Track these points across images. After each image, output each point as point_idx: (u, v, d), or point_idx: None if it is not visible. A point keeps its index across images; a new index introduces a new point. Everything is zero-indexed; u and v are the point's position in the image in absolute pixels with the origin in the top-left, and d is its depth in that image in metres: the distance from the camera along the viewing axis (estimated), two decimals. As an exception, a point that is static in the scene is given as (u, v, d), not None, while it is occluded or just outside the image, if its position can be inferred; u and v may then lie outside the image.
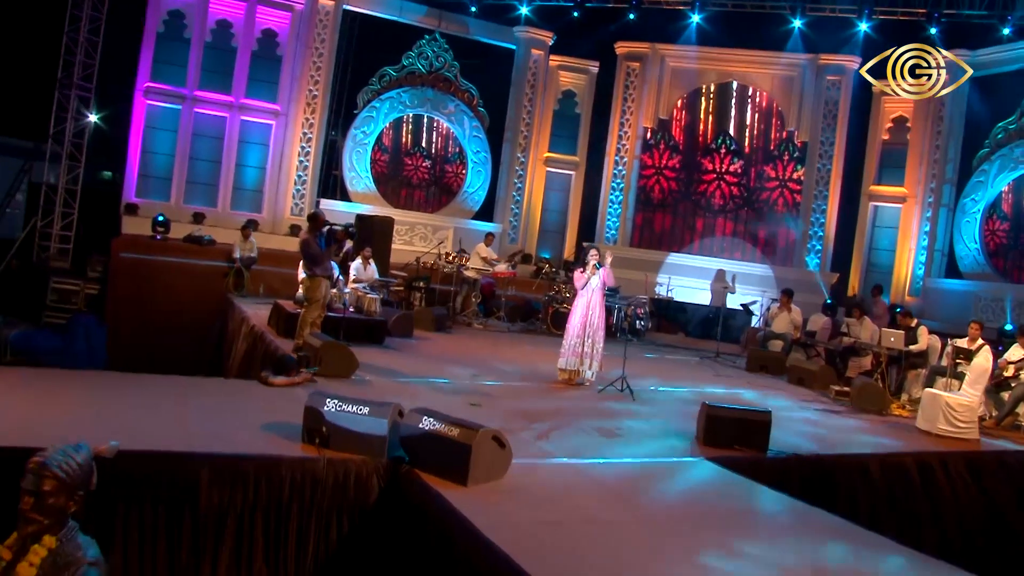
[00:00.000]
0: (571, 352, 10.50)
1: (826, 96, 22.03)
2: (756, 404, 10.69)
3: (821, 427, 9.81)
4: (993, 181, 19.60)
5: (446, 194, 22.79)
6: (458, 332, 15.29)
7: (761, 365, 14.36)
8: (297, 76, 20.39)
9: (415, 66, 21.77)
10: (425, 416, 5.93)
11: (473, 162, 22.62)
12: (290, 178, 20.48)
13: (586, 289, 10.61)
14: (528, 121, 23.15)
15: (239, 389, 8.19)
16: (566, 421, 8.37)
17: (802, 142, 22.14)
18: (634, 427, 8.53)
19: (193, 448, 5.70)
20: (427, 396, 8.78)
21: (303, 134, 20.53)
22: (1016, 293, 18.21)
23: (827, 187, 21.95)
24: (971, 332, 12.09)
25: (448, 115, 22.29)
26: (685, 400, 10.68)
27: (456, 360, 11.73)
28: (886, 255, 21.72)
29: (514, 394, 9.74)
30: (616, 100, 23.31)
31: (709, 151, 23.04)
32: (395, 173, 22.30)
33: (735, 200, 22.87)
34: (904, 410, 11.74)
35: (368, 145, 21.47)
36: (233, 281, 16.01)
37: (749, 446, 7.82)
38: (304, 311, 10.28)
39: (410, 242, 21.13)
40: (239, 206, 20.04)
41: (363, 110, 21.31)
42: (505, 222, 22.95)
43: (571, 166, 23.78)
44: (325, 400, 6.10)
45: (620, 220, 23.17)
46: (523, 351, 13.73)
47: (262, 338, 11.30)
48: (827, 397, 12.35)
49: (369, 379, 9.23)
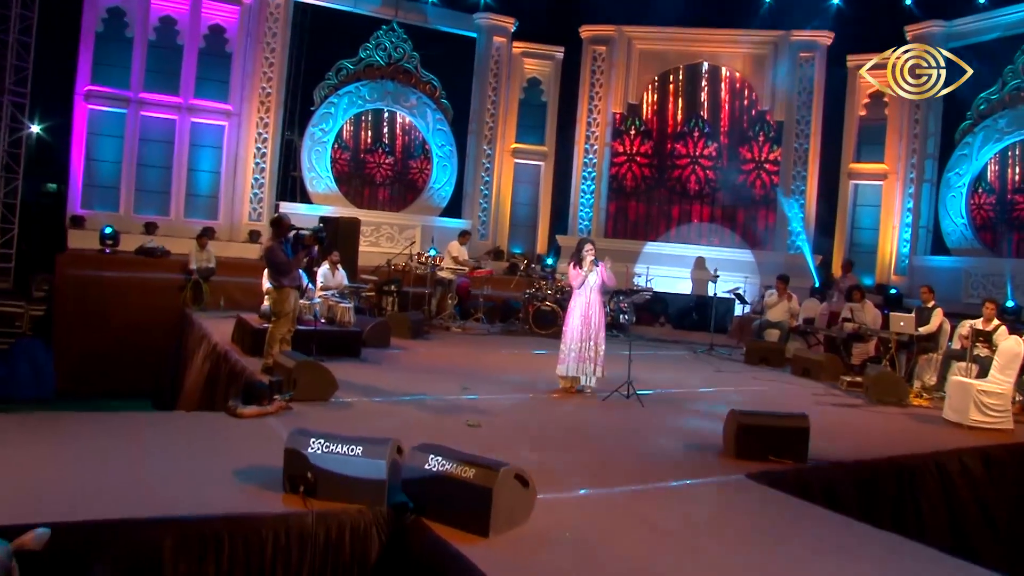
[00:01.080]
0: (571, 358, 9.56)
1: (800, 73, 21.30)
2: (776, 404, 9.89)
3: (846, 425, 8.98)
4: (977, 154, 18.97)
5: (411, 191, 21.76)
6: (437, 337, 14.30)
7: (761, 357, 13.57)
8: (249, 73, 19.24)
9: (373, 58, 20.69)
10: (431, 455, 4.97)
11: (438, 156, 21.61)
12: (246, 181, 19.34)
13: (583, 288, 9.69)
14: (493, 111, 22.20)
15: (204, 425, 7.11)
16: (578, 439, 7.46)
17: (777, 122, 21.39)
18: (653, 441, 7.63)
19: (152, 511, 4.65)
20: (418, 417, 7.83)
21: (258, 134, 19.39)
22: (1015, 268, 17.54)
23: (805, 167, 21.25)
24: (986, 312, 11.36)
25: (410, 108, 21.25)
26: (696, 403, 9.83)
27: (441, 371, 10.76)
28: (869, 234, 21.07)
29: (513, 408, 8.79)
30: (583, 86, 22.42)
31: (682, 135, 22.23)
32: (357, 171, 21.22)
33: (711, 184, 22.07)
34: (924, 399, 10.98)
35: (327, 143, 20.37)
36: (191, 295, 14.87)
37: (786, 456, 6.96)
38: (272, 326, 9.25)
39: (376, 243, 20.08)
40: (193, 213, 18.85)
41: (320, 106, 20.20)
42: (474, 218, 21.98)
43: (540, 156, 22.86)
44: (308, 440, 5.11)
45: (593, 210, 22.30)
46: (509, 356, 12.80)
47: (226, 357, 10.23)
48: (838, 389, 11.58)
49: (350, 401, 8.23)
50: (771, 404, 10.04)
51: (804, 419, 7.12)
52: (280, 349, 9.12)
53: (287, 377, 7.87)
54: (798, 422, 7.10)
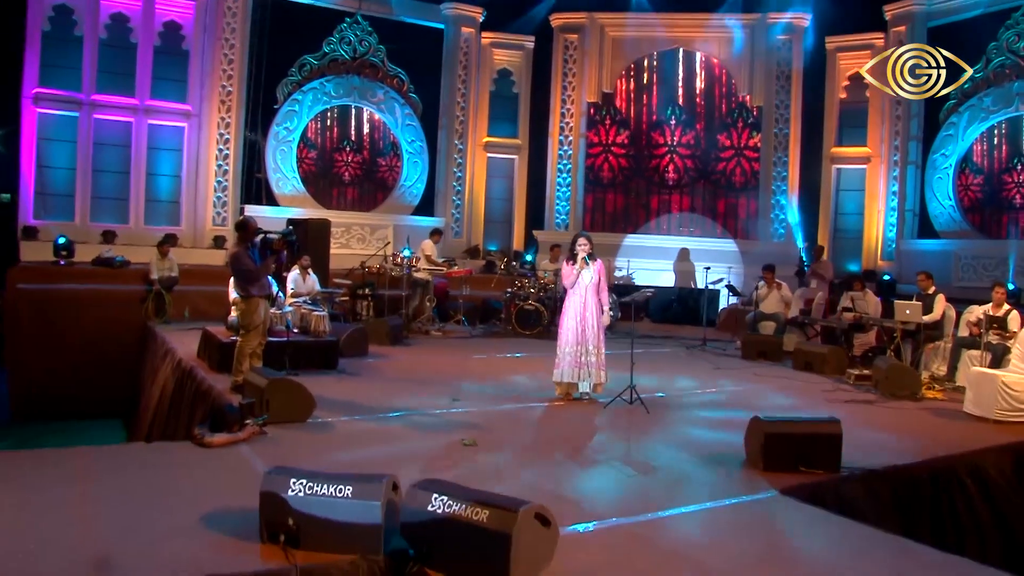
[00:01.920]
0: (568, 362, 8.85)
1: (777, 57, 20.75)
2: (786, 404, 9.27)
3: (865, 425, 8.33)
4: (963, 134, 18.50)
5: (381, 190, 20.95)
6: (417, 343, 13.53)
7: (759, 352, 12.93)
8: (207, 72, 18.36)
9: (337, 53, 19.85)
10: (435, 493, 4.20)
11: (408, 153, 20.82)
12: (209, 185, 18.47)
13: (577, 286, 8.98)
14: (464, 105, 21.46)
15: (165, 459, 6.24)
16: (586, 456, 6.74)
17: (756, 107, 20.82)
18: (668, 455, 6.91)
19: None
20: (408, 438, 7.08)
21: (219, 135, 18.52)
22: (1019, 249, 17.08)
23: (786, 153, 20.74)
24: (996, 296, 10.78)
25: (377, 104, 20.43)
26: (704, 407, 9.17)
27: (426, 381, 9.99)
28: (853, 219, 20.56)
29: (508, 421, 8.04)
30: (556, 76, 21.76)
31: (659, 124, 21.63)
32: (324, 171, 20.37)
33: (690, 173, 21.49)
34: (937, 391, 10.38)
35: (292, 142, 19.51)
36: (153, 306, 14.01)
37: (818, 467, 6.30)
38: (240, 340, 8.46)
39: (347, 245, 19.29)
40: (154, 220, 17.95)
41: (284, 104, 19.34)
42: (447, 215, 21.22)
43: (513, 150, 22.12)
44: (288, 480, 4.35)
45: (570, 204, 21.64)
46: (496, 361, 12.06)
47: (191, 375, 9.40)
48: (845, 383, 10.97)
49: (331, 421, 7.45)
50: (781, 404, 9.43)
51: (835, 425, 6.45)
52: (250, 365, 8.34)
53: (259, 398, 7.08)
54: (829, 428, 6.43)
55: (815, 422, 6.56)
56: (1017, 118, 17.92)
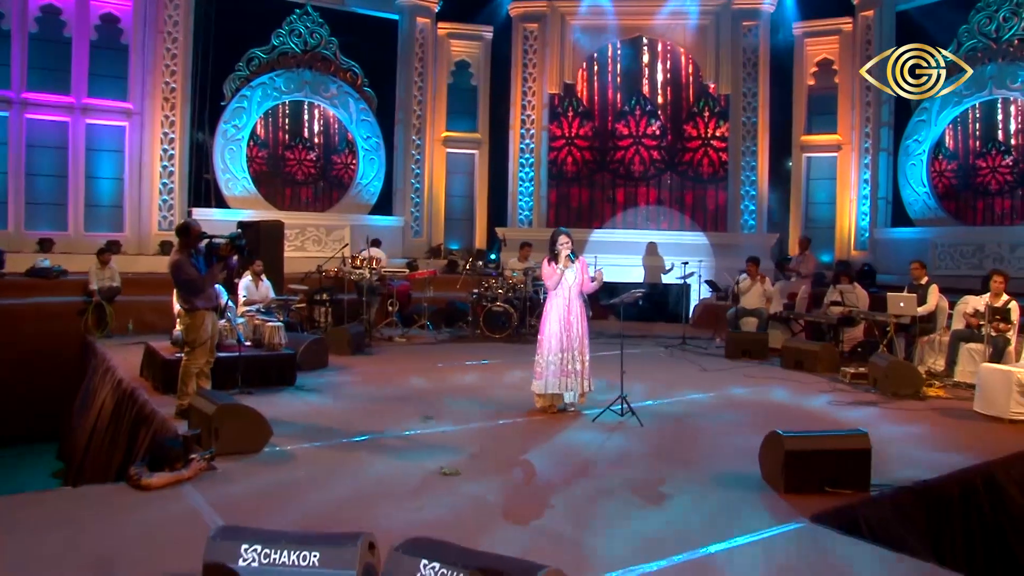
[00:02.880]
0: (550, 371, 8.06)
1: (744, 44, 20.14)
2: (788, 409, 8.58)
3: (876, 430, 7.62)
4: (936, 119, 17.99)
5: (337, 189, 20.02)
6: (380, 351, 12.63)
7: (743, 350, 12.26)
8: (149, 68, 17.32)
9: (287, 46, 18.87)
10: (424, 561, 3.37)
11: (364, 150, 19.90)
12: (153, 187, 17.43)
13: (561, 288, 8.21)
14: (421, 99, 20.60)
15: (94, 508, 5.23)
16: (585, 485, 5.94)
17: (723, 96, 20.20)
18: (675, 478, 6.13)
19: None
20: (379, 468, 6.24)
21: (163, 134, 17.49)
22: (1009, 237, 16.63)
23: (755, 142, 20.11)
24: (994, 286, 10.20)
25: (330, 99, 19.48)
26: (701, 416, 8.43)
27: (394, 396, 9.14)
28: (825, 209, 20.03)
29: (489, 442, 7.20)
30: (516, 67, 20.94)
31: (623, 115, 20.90)
32: (276, 170, 19.39)
33: (656, 165, 20.80)
34: (939, 389, 9.76)
35: (242, 141, 18.50)
36: (93, 319, 12.97)
37: (845, 486, 5.59)
38: (185, 359, 7.56)
39: (302, 247, 18.38)
40: (96, 226, 16.90)
41: (232, 100, 18.32)
42: (406, 213, 20.37)
43: (473, 144, 21.29)
44: (239, 548, 3.51)
45: (533, 199, 20.88)
46: (467, 369, 11.21)
47: (132, 397, 8.45)
48: (841, 382, 10.33)
49: (289, 449, 6.57)
50: (782, 409, 8.73)
51: (863, 439, 5.75)
52: (197, 386, 7.45)
53: (206, 427, 6.20)
54: (856, 443, 5.72)
55: (840, 436, 5.86)
56: (991, 102, 17.48)
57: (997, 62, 17.08)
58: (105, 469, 7.93)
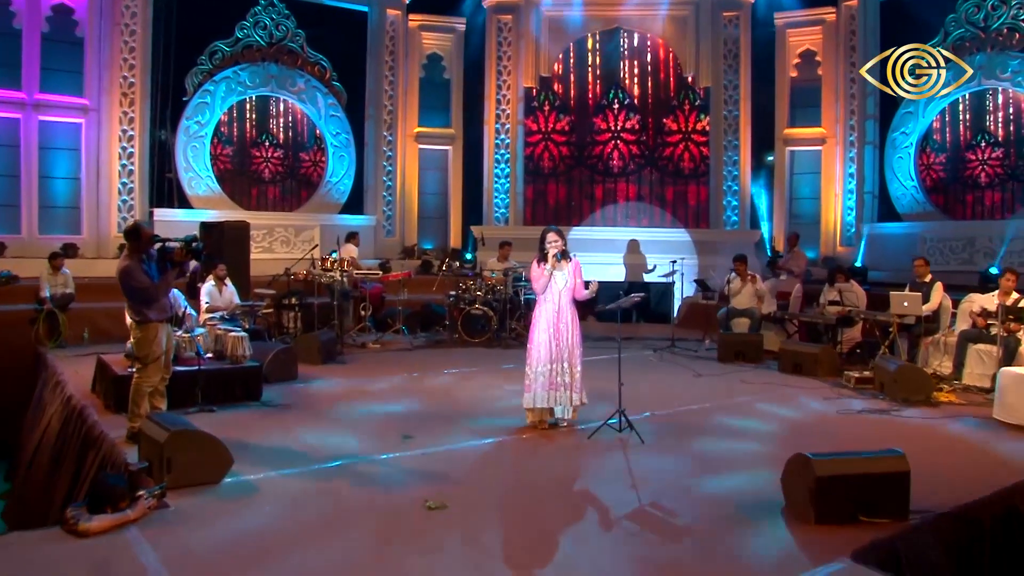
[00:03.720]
0: (539, 384, 7.38)
1: (724, 35, 19.57)
2: (796, 421, 7.96)
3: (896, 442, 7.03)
4: (924, 111, 17.48)
5: (306, 187, 19.24)
6: (353, 359, 11.86)
7: (736, 352, 11.65)
8: (106, 62, 16.48)
9: (252, 38, 18.04)
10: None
11: (333, 147, 19.13)
12: (112, 187, 16.60)
13: (550, 292, 7.53)
14: (392, 93, 19.86)
15: (18, 563, 4.42)
16: (590, 514, 5.28)
17: (703, 88, 19.63)
18: (689, 506, 5.44)
19: None
20: (354, 500, 5.54)
21: (122, 131, 16.66)
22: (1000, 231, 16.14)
23: (737, 136, 19.57)
24: (1006, 284, 9.70)
25: (298, 93, 18.68)
26: (706, 429, 7.80)
27: (369, 411, 8.41)
28: (809, 204, 19.52)
29: (477, 466, 6.50)
30: (490, 60, 20.21)
31: (601, 108, 20.26)
32: (242, 168, 18.57)
33: (635, 160, 20.19)
34: (950, 394, 9.20)
35: (205, 138, 17.66)
36: (44, 329, 12.10)
37: (882, 514, 4.97)
38: (136, 376, 6.81)
39: (270, 249, 17.61)
40: (51, 229, 16.03)
41: (194, 96, 17.47)
42: (378, 212, 19.63)
43: (446, 140, 20.57)
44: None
45: (509, 196, 20.18)
46: (446, 379, 10.51)
47: (81, 416, 7.67)
48: (846, 387, 9.73)
49: (253, 479, 5.83)
50: (791, 422, 8.12)
51: (900, 460, 5.13)
52: (151, 407, 6.71)
53: (157, 457, 5.47)
54: (894, 465, 5.11)
55: (875, 458, 5.22)
56: (980, 92, 17.01)
57: (986, 52, 16.60)
58: (48, 498, 7.16)
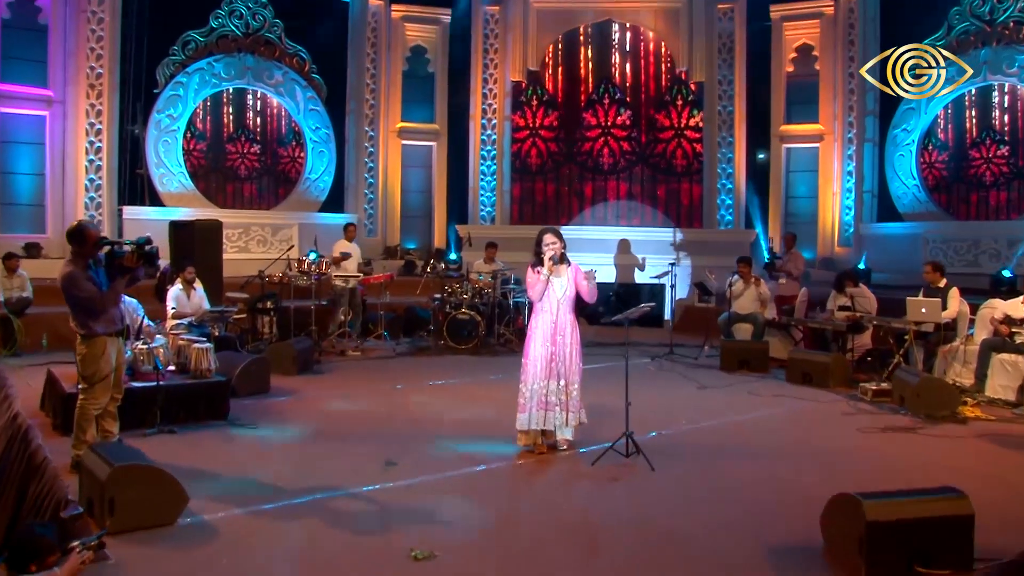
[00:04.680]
0: (536, 402, 6.64)
1: (719, 28, 18.89)
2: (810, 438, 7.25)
3: (928, 467, 6.38)
4: (926, 107, 16.89)
5: (284, 184, 18.44)
6: (332, 367, 11.08)
7: (740, 361, 10.96)
8: (71, 51, 15.61)
9: (227, 28, 17.20)
10: None
11: (313, 142, 18.34)
12: (79, 184, 15.74)
13: (547, 301, 6.80)
14: (374, 87, 19.09)
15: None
16: (598, 565, 4.54)
17: (696, 83, 18.95)
18: (717, 554, 4.75)
19: None
20: (328, 546, 4.78)
21: (89, 125, 15.79)
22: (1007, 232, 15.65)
23: (731, 132, 18.89)
24: (1030, 288, 9.01)
25: (275, 86, 17.87)
26: (720, 451, 7.09)
27: (346, 433, 7.61)
28: (806, 203, 18.86)
29: (467, 500, 5.74)
30: (476, 53, 19.50)
31: (591, 103, 19.55)
32: (216, 164, 17.74)
33: (627, 157, 19.49)
34: (973, 407, 8.53)
35: (178, 132, 16.83)
36: (-1, 335, 11.32)
37: (942, 565, 4.28)
38: (82, 397, 6.04)
39: (246, 248, 16.84)
40: (13, 227, 15.18)
41: (166, 88, 16.64)
42: (359, 210, 18.84)
43: (430, 136, 19.79)
44: None
45: (496, 194, 19.48)
46: (432, 391, 9.77)
47: (25, 439, 6.82)
48: (862, 400, 9.05)
49: (211, 520, 5.05)
50: (812, 445, 7.40)
51: (963, 502, 4.43)
52: (101, 431, 5.94)
53: (98, 496, 4.70)
54: (954, 507, 4.41)
55: (933, 500, 4.51)
56: (985, 88, 16.45)
57: (991, 46, 16.05)
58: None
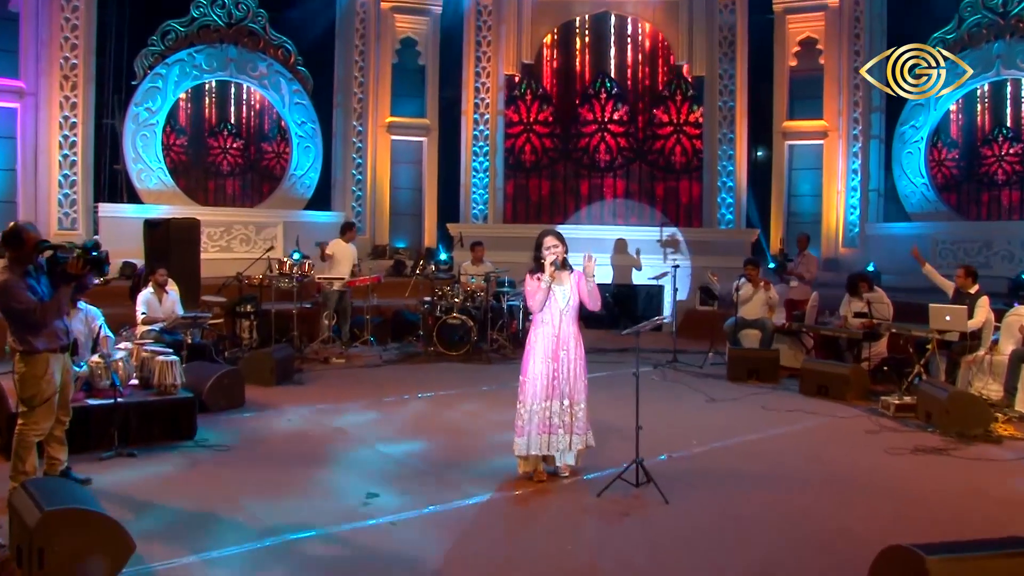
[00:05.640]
0: (536, 425, 5.96)
1: (719, 21, 18.25)
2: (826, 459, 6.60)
3: (971, 498, 5.73)
4: (936, 103, 16.30)
5: (268, 181, 17.76)
6: (314, 377, 10.35)
7: (749, 370, 10.30)
8: (44, 40, 14.91)
9: (209, 18, 16.49)
10: None
11: (298, 137, 17.64)
12: (52, 180, 15.03)
13: (549, 311, 6.14)
14: (362, 80, 18.38)
15: None
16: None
17: (695, 78, 18.30)
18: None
19: None
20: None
21: (63, 118, 15.08)
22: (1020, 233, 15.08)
23: (732, 128, 18.26)
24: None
25: (259, 79, 17.16)
26: (735, 478, 6.40)
27: (324, 456, 6.88)
28: (810, 202, 18.22)
29: (460, 542, 5.01)
30: (468, 45, 18.83)
31: (587, 98, 18.90)
32: (197, 160, 17.06)
33: (624, 154, 18.84)
34: (1007, 425, 7.90)
35: (157, 126, 16.12)
36: (-45, 342, 10.58)
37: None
38: (22, 422, 5.34)
39: (228, 248, 16.14)
40: (-18, 224, 14.42)
41: (144, 80, 15.93)
42: (347, 208, 18.15)
43: (421, 131, 19.06)
44: None
45: (489, 192, 18.82)
46: (420, 404, 9.08)
47: (-33, 464, 6.19)
48: (884, 415, 8.39)
49: (161, 570, 4.37)
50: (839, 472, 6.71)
51: None
52: (47, 458, 5.24)
53: (27, 545, 4.01)
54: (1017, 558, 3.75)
55: (1005, 555, 3.85)
56: (998, 83, 15.88)
57: (1004, 39, 15.51)
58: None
